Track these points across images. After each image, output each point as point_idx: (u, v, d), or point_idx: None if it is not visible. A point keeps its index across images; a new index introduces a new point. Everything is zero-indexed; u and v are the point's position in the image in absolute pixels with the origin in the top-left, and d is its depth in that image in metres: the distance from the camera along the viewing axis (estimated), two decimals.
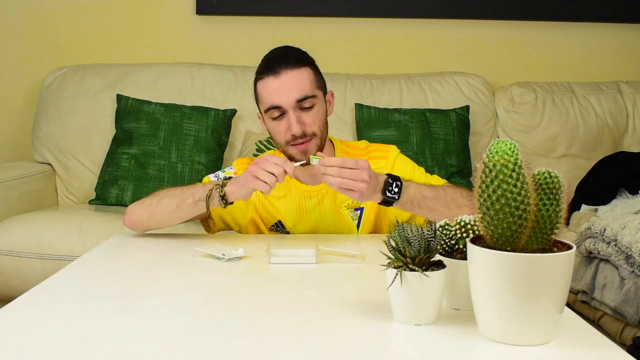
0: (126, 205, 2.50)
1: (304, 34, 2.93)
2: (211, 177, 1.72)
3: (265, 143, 2.57)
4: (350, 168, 1.45)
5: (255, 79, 1.66)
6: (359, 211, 1.72)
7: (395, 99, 2.75)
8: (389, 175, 1.54)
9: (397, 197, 1.52)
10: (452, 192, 1.58)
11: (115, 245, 1.58)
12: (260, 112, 1.69)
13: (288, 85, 1.60)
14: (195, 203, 1.57)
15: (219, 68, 2.85)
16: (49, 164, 2.78)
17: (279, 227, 1.72)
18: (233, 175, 1.67)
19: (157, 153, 2.56)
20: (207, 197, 1.55)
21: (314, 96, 1.63)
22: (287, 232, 1.73)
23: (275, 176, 1.48)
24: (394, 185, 1.52)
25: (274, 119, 1.63)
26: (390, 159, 1.74)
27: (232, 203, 1.57)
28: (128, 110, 2.65)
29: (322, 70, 1.69)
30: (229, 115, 2.67)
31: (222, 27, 3.00)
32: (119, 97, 2.70)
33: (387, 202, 1.53)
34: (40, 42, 3.00)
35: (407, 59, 2.99)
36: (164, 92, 2.76)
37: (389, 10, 2.96)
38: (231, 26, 3.00)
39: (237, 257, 1.41)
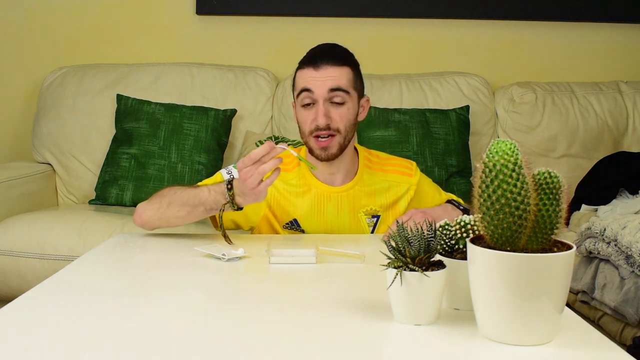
0: (126, 205, 2.51)
1: (304, 34, 2.92)
2: (223, 173, 1.69)
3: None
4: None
5: (297, 68, 1.70)
6: (375, 218, 1.73)
7: (395, 99, 2.75)
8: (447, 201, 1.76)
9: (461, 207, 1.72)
10: None
11: (115, 245, 1.58)
12: (294, 100, 1.70)
13: (324, 78, 1.64)
14: (208, 211, 1.57)
15: (219, 68, 2.85)
16: (49, 164, 2.77)
17: (293, 225, 1.72)
18: None
19: (157, 153, 2.56)
20: (221, 210, 1.52)
21: (347, 92, 1.66)
22: (303, 231, 1.72)
23: (261, 164, 1.41)
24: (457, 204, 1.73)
25: (304, 106, 1.65)
26: (414, 177, 1.79)
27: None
28: (128, 110, 2.65)
29: None
30: (229, 115, 2.67)
31: (222, 27, 3.00)
32: (119, 97, 2.69)
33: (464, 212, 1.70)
34: (40, 42, 3.00)
35: (407, 59, 2.99)
36: (164, 92, 2.75)
37: (389, 10, 2.96)
38: (231, 26, 2.99)
39: (237, 257, 1.41)
